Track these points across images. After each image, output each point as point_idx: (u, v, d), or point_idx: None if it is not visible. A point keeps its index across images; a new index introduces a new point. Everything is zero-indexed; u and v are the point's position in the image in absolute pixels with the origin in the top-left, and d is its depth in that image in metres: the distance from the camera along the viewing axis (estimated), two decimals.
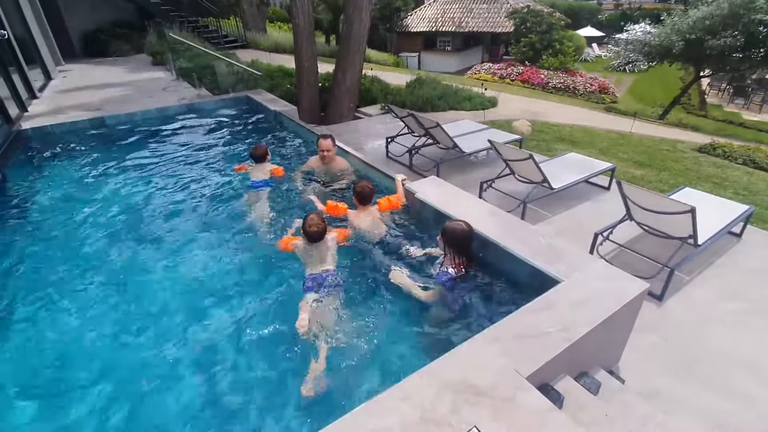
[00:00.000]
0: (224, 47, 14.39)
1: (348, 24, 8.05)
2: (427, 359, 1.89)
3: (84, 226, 3.96)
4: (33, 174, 5.04)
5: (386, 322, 2.68)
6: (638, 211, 3.69)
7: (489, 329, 1.81)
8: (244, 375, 2.44)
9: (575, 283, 2.11)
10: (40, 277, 3.29)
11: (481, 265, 2.79)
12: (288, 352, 2.53)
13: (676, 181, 5.72)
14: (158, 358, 2.55)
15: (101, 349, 2.66)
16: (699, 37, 10.31)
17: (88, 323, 2.87)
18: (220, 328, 2.76)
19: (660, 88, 18.85)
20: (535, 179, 4.61)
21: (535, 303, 1.97)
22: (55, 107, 7.47)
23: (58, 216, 4.13)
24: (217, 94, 8.81)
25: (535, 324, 1.83)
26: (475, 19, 24.03)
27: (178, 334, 2.73)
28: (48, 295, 3.11)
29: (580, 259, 2.33)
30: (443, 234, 2.78)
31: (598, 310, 1.88)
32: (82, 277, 3.27)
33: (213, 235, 3.76)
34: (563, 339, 1.72)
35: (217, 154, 5.55)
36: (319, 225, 3.00)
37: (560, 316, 1.86)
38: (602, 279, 2.15)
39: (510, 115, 9.18)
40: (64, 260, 3.49)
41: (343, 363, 2.38)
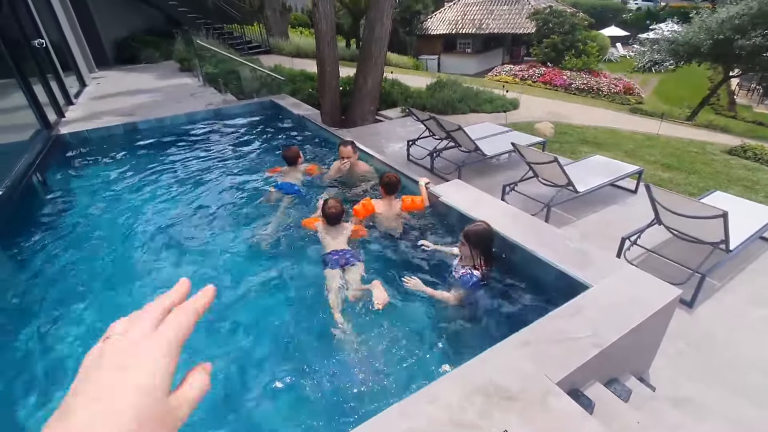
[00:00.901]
0: (248, 53, 14.71)
1: (370, 28, 8.14)
2: (453, 362, 1.92)
3: (120, 229, 4.11)
4: (71, 178, 5.27)
5: (409, 325, 2.70)
6: (668, 216, 3.62)
7: (518, 333, 1.82)
8: (270, 375, 2.50)
9: (605, 288, 2.09)
10: (78, 281, 3.43)
11: (507, 268, 2.79)
12: (313, 352, 2.60)
13: (706, 184, 5.57)
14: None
15: None
16: (728, 36, 9.99)
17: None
18: (259, 331, 2.83)
19: (687, 89, 18.30)
20: (560, 182, 4.57)
21: (564, 308, 1.96)
22: (90, 113, 7.79)
23: (97, 219, 4.31)
24: (241, 98, 9.02)
25: (564, 329, 1.83)
26: (496, 21, 23.85)
27: (218, 340, 2.79)
28: (86, 298, 3.25)
29: (610, 264, 2.31)
30: (467, 237, 2.77)
31: (629, 317, 1.86)
32: (119, 281, 3.40)
33: (245, 238, 3.86)
34: (593, 345, 1.72)
35: (245, 158, 5.69)
36: (336, 207, 3.26)
37: (590, 321, 1.86)
38: (633, 285, 2.12)
39: (532, 117, 9.09)
40: (102, 263, 3.64)
41: (368, 366, 2.42)
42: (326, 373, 2.43)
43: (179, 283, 0.47)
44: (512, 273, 2.80)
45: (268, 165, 5.35)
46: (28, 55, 6.97)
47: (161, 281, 3.37)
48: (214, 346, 2.71)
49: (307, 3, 25.98)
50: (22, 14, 7.46)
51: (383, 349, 2.49)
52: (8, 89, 5.85)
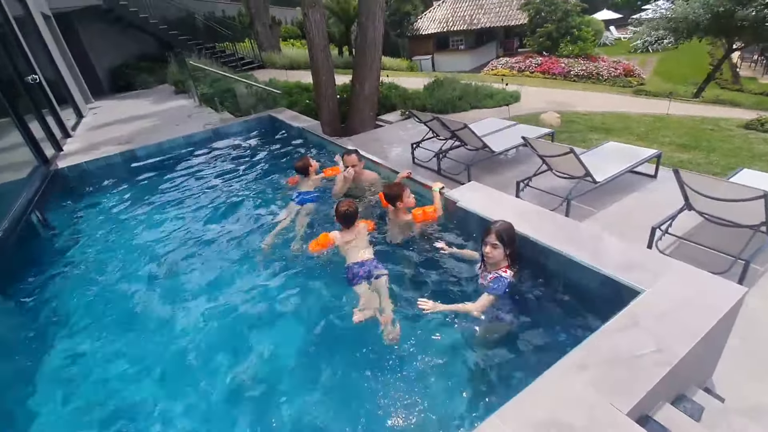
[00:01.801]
0: (241, 69, 14.66)
1: (362, 33, 7.99)
2: (496, 393, 1.71)
3: (125, 263, 3.95)
4: (71, 213, 5.14)
5: (435, 352, 2.46)
6: (699, 200, 3.39)
7: (571, 354, 1.61)
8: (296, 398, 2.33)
9: (659, 292, 1.86)
10: (85, 319, 3.28)
11: (540, 276, 2.57)
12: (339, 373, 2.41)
13: (728, 162, 5.32)
14: (204, 396, 2.48)
15: (154, 390, 2.60)
16: (728, 8, 9.71)
17: (135, 365, 2.81)
18: (282, 350, 2.71)
19: (687, 66, 17.99)
20: (577, 174, 4.35)
21: (617, 320, 1.75)
22: (88, 144, 7.70)
23: (99, 255, 4.15)
24: (239, 116, 8.91)
25: (623, 346, 1.61)
26: (487, 15, 23.69)
27: (236, 368, 2.64)
28: (94, 336, 3.10)
29: (658, 263, 2.07)
30: (500, 237, 2.55)
31: (695, 324, 1.63)
32: (128, 316, 3.24)
33: (253, 259, 3.69)
34: (660, 363, 1.50)
35: (247, 177, 5.53)
36: (350, 206, 3.22)
37: (651, 334, 1.64)
38: (690, 285, 1.89)
39: (535, 108, 8.87)
40: (111, 299, 3.48)
41: (396, 408, 2.20)
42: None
43: None
44: (547, 281, 2.57)
45: (284, 176, 5.22)
46: (22, 91, 6.90)
47: (171, 317, 3.19)
48: (237, 380, 2.54)
49: (297, 15, 26.02)
50: (14, 51, 7.40)
51: (407, 384, 2.27)
52: (3, 128, 5.76)
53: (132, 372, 2.75)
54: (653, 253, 2.18)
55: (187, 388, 2.55)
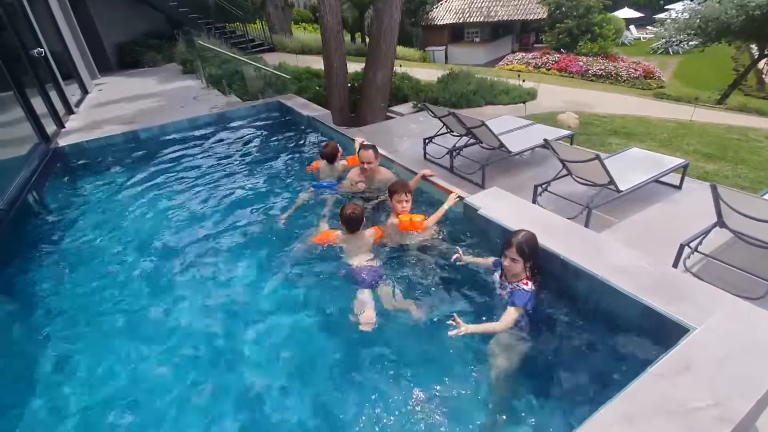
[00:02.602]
0: (251, 52, 14.36)
1: (378, 20, 7.68)
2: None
3: (124, 246, 3.81)
4: (70, 193, 4.98)
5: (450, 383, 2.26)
6: (734, 217, 3.15)
7: (617, 400, 1.40)
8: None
9: (713, 331, 1.64)
10: (81, 303, 3.14)
11: (569, 301, 2.36)
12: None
13: (757, 175, 5.05)
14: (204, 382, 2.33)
15: (148, 374, 2.49)
16: (765, 11, 9.26)
17: (133, 349, 2.69)
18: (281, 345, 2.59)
19: (710, 70, 17.47)
20: (600, 181, 4.11)
21: (666, 362, 1.53)
22: (90, 122, 7.50)
23: (98, 237, 4.01)
24: (246, 99, 8.67)
25: (675, 395, 1.40)
26: (505, 8, 23.11)
27: (234, 355, 2.55)
28: (91, 322, 2.96)
29: (708, 296, 1.85)
30: (521, 251, 2.35)
31: (757, 374, 1.43)
32: (123, 303, 3.10)
33: (261, 248, 3.53)
34: (719, 419, 1.29)
35: (252, 164, 5.33)
36: (356, 210, 3.07)
37: (707, 382, 1.42)
38: (747, 324, 1.67)
39: (552, 107, 8.57)
40: (107, 284, 3.33)
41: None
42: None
43: None
44: (578, 307, 2.36)
45: (306, 162, 5.12)
46: (26, 65, 6.69)
47: (170, 303, 3.06)
48: (237, 379, 2.41)
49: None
50: (21, 23, 7.17)
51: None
52: (5, 102, 5.56)
53: (128, 360, 2.63)
54: (702, 283, 1.94)
55: (183, 380, 2.43)
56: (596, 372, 1.99)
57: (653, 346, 1.62)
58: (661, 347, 1.62)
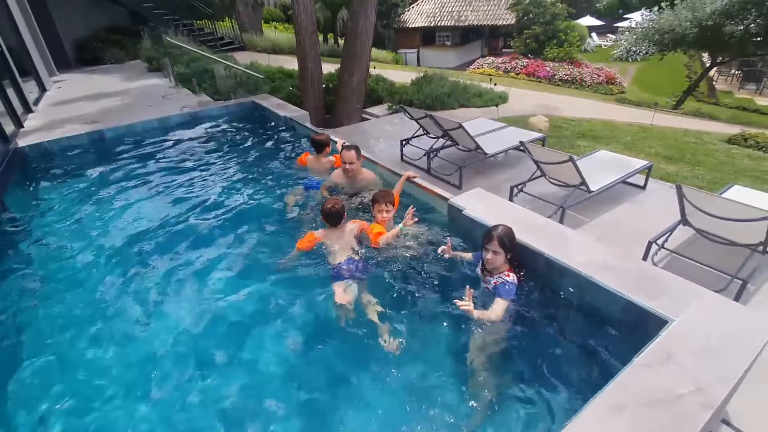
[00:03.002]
0: (221, 50, 13.99)
1: (353, 21, 7.70)
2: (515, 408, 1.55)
3: (93, 251, 3.61)
4: (32, 198, 4.68)
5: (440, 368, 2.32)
6: (697, 216, 3.36)
7: (607, 392, 1.47)
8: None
9: (690, 323, 1.76)
10: (45, 314, 2.96)
11: (556, 294, 2.47)
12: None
13: (713, 176, 5.40)
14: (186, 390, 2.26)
15: (119, 386, 2.37)
16: (716, 22, 9.91)
17: (101, 356, 2.57)
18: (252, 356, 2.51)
19: (665, 77, 18.48)
20: (572, 182, 4.28)
21: (650, 353, 1.62)
22: (51, 121, 7.10)
23: (64, 241, 3.79)
24: (217, 99, 8.45)
25: (660, 384, 1.48)
26: (475, 12, 23.59)
27: (203, 368, 2.44)
28: (54, 330, 2.80)
29: (682, 289, 1.97)
30: (502, 242, 2.45)
31: (731, 363, 1.53)
32: (90, 311, 2.94)
33: (235, 253, 3.43)
34: (702, 405, 1.39)
35: (228, 166, 5.18)
36: (336, 204, 3.07)
37: (688, 371, 1.52)
38: (721, 317, 1.80)
39: (523, 110, 8.84)
40: (72, 292, 3.15)
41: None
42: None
43: None
44: (562, 301, 2.46)
45: (284, 163, 5.08)
46: None
47: (139, 311, 2.93)
48: (213, 385, 2.33)
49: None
50: None
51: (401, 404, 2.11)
52: None
53: (96, 368, 2.50)
54: (678, 278, 2.07)
55: (155, 394, 2.32)
56: (582, 363, 2.08)
57: (634, 338, 1.71)
58: (641, 338, 1.72)
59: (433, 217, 3.59)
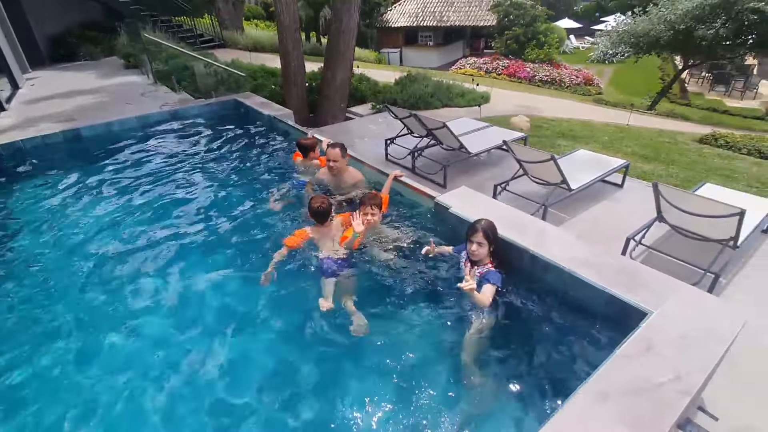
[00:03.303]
0: (200, 47, 13.74)
1: (337, 20, 7.68)
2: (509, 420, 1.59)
3: (66, 254, 3.52)
4: (5, 197, 4.51)
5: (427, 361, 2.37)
6: (672, 213, 3.49)
7: (592, 382, 1.53)
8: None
9: (668, 315, 1.84)
10: (12, 321, 2.87)
11: (540, 292, 2.55)
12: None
13: (686, 175, 5.60)
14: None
15: (98, 392, 2.31)
16: (688, 26, 10.30)
17: (80, 364, 2.50)
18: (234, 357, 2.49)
19: (640, 78, 19.04)
20: (553, 180, 4.39)
21: (631, 344, 1.69)
22: (24, 119, 6.85)
23: (40, 243, 3.67)
24: (198, 97, 8.31)
25: (642, 373, 1.55)
26: (457, 13, 23.79)
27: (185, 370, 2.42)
28: (30, 334, 2.72)
29: (660, 283, 2.06)
30: (486, 234, 2.57)
31: (707, 352, 1.62)
32: (63, 318, 2.86)
33: (218, 251, 3.40)
34: (680, 392, 1.46)
35: (211, 165, 5.09)
36: (323, 202, 3.13)
37: (667, 361, 1.60)
38: (697, 309, 1.88)
39: (505, 110, 8.98)
40: (45, 298, 3.06)
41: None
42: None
43: None
44: (547, 294, 2.54)
45: (276, 154, 5.13)
46: None
47: (123, 312, 2.88)
48: (199, 393, 2.30)
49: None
50: None
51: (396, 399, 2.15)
52: None
53: (70, 376, 2.43)
54: (657, 273, 2.17)
55: (141, 401, 2.27)
56: (567, 356, 2.15)
57: (616, 330, 1.78)
58: (622, 330, 1.79)
59: (419, 215, 3.63)
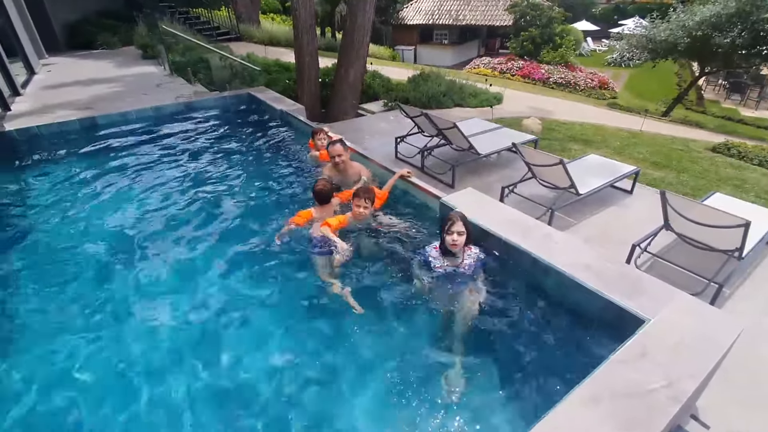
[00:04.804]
0: (216, 40, 13.86)
1: (352, 17, 7.71)
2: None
3: (84, 238, 3.62)
4: (20, 183, 4.63)
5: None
6: (680, 222, 3.48)
7: (584, 385, 1.56)
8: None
9: (665, 322, 1.86)
10: (30, 304, 2.96)
11: (540, 292, 2.60)
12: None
13: (697, 183, 5.55)
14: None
15: (111, 377, 2.40)
16: (705, 33, 10.18)
17: (91, 347, 2.58)
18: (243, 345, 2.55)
19: (656, 84, 18.78)
20: (561, 185, 4.38)
21: (627, 350, 1.72)
22: (41, 105, 7.00)
23: (54, 228, 3.78)
24: (212, 90, 8.41)
25: (634, 378, 1.58)
26: (473, 12, 23.66)
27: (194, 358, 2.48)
28: (40, 319, 2.81)
29: (660, 291, 2.08)
30: (465, 221, 2.69)
31: (701, 360, 1.63)
32: (78, 301, 2.95)
33: (229, 245, 3.46)
34: (671, 398, 1.49)
35: (223, 157, 5.18)
36: (326, 185, 3.38)
37: (661, 367, 1.62)
38: (694, 317, 1.90)
39: (517, 111, 8.94)
40: (58, 282, 3.15)
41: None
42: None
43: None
44: (547, 301, 2.57)
45: (281, 158, 5.16)
46: None
47: (134, 297, 2.96)
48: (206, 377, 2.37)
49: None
50: None
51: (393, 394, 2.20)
52: None
53: (80, 358, 2.51)
54: (656, 280, 2.18)
55: (145, 387, 2.35)
56: (562, 359, 2.18)
57: (612, 336, 1.81)
58: (618, 336, 1.82)
59: (424, 214, 3.67)
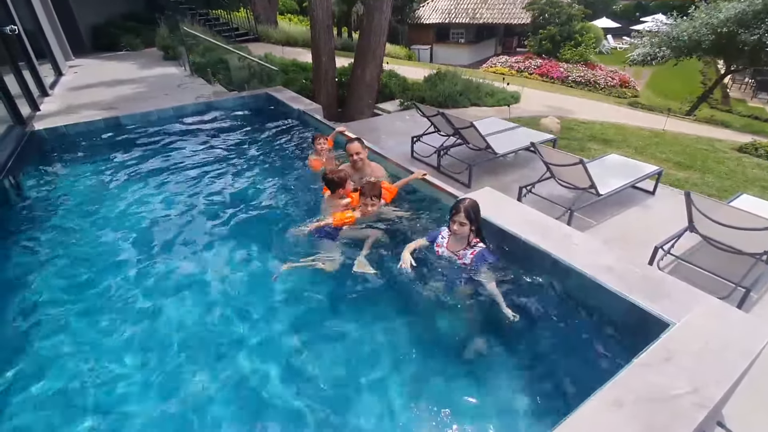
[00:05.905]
0: (235, 40, 14.07)
1: (368, 16, 7.73)
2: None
3: (108, 235, 3.72)
4: (49, 181, 4.79)
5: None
6: (704, 223, 3.39)
7: (607, 388, 1.54)
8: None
9: (691, 327, 1.81)
10: (58, 296, 3.06)
11: (561, 293, 2.56)
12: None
13: (723, 184, 5.39)
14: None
15: (137, 371, 2.46)
16: (731, 31, 9.88)
17: (118, 341, 2.65)
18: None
19: (679, 82, 18.27)
20: (581, 185, 4.31)
21: (651, 353, 1.68)
22: (67, 106, 7.23)
23: (80, 225, 3.89)
24: (231, 90, 8.54)
25: (658, 383, 1.55)
26: (490, 10, 23.44)
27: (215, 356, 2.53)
28: (69, 313, 2.89)
29: (685, 294, 2.03)
30: (469, 214, 2.62)
31: (728, 366, 1.59)
32: (101, 296, 3.03)
33: (245, 241, 3.52)
34: (697, 405, 1.45)
35: (242, 156, 5.27)
36: (335, 174, 3.48)
37: (686, 372, 1.58)
38: (721, 322, 1.85)
39: (535, 111, 8.83)
40: (84, 276, 3.25)
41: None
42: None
43: None
44: (568, 303, 2.53)
45: (299, 157, 5.18)
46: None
47: (156, 295, 3.02)
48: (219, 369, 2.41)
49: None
50: None
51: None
52: None
53: (109, 357, 2.56)
54: (680, 283, 2.13)
55: (168, 377, 2.41)
56: (584, 362, 2.15)
57: (635, 339, 1.77)
58: (642, 340, 1.78)
59: (441, 213, 3.66)
